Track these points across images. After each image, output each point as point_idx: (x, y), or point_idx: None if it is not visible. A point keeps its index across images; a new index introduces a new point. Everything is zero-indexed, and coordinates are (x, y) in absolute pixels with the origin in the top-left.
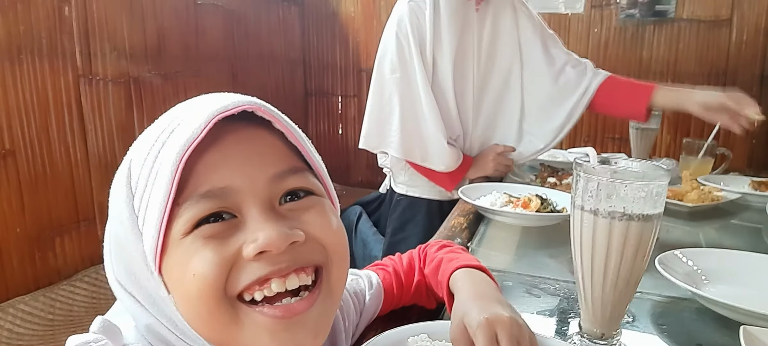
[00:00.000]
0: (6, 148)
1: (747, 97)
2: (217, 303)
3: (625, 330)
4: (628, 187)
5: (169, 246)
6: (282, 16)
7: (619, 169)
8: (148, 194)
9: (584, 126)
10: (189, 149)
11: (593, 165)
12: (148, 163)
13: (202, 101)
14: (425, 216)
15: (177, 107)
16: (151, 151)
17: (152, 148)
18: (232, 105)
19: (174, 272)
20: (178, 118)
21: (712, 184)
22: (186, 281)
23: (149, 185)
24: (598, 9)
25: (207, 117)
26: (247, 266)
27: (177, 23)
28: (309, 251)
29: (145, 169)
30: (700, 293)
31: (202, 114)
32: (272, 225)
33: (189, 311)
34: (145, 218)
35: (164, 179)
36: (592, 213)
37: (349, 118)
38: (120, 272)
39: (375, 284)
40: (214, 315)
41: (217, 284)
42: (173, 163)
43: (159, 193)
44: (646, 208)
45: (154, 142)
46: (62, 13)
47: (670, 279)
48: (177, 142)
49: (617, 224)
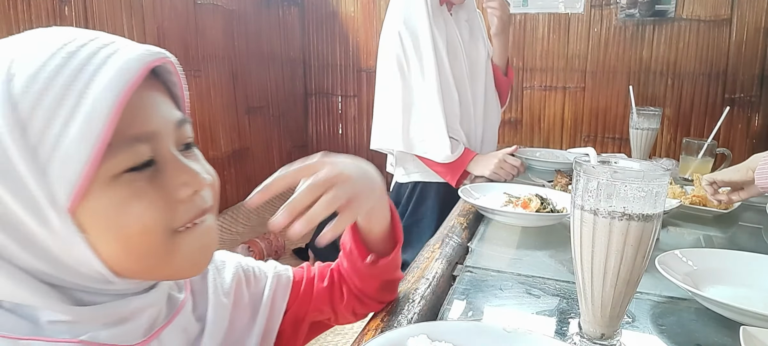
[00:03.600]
0: None
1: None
2: (162, 239)
3: (625, 330)
4: (628, 187)
5: (92, 187)
6: (282, 16)
7: (619, 169)
8: (58, 127)
9: (584, 126)
10: (128, 91)
11: (593, 165)
12: (56, 93)
13: (114, 43)
14: (435, 198)
15: (70, 36)
16: (60, 81)
17: (60, 77)
18: (160, 54)
19: (101, 213)
20: (95, 53)
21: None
22: (125, 223)
23: (62, 118)
24: (598, 9)
25: (140, 60)
26: (183, 205)
27: (177, 23)
28: (213, 191)
29: (50, 99)
30: (699, 293)
31: (132, 55)
32: (194, 168)
33: (118, 249)
34: (56, 154)
35: (98, 117)
36: (592, 213)
37: (349, 118)
38: None
39: (280, 273)
40: (154, 250)
41: (165, 223)
42: (111, 103)
43: (86, 130)
44: (646, 208)
45: (60, 71)
46: (62, 13)
47: (670, 279)
48: (113, 81)
49: (617, 224)
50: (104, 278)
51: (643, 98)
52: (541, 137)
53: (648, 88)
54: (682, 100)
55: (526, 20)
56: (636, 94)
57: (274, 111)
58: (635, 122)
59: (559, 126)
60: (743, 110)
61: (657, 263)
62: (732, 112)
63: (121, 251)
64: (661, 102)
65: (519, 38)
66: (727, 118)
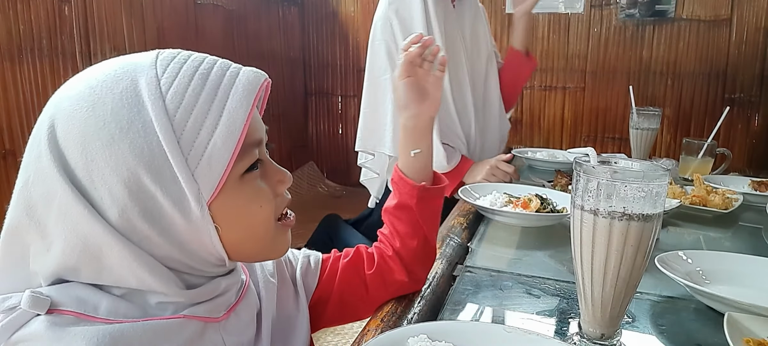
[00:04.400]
0: (6, 149)
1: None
2: (273, 227)
3: (625, 330)
4: (628, 187)
5: (225, 185)
6: (282, 16)
7: (619, 169)
8: (207, 132)
9: (584, 126)
10: (253, 105)
11: (593, 165)
12: (201, 107)
13: (231, 64)
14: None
15: (200, 56)
16: (204, 96)
17: (203, 93)
18: (265, 75)
19: (231, 205)
20: (225, 72)
21: (712, 184)
22: (250, 212)
23: (208, 124)
24: (598, 9)
25: (258, 79)
26: (280, 198)
27: (177, 23)
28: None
29: (196, 112)
30: (700, 289)
31: (251, 75)
32: (282, 168)
33: (244, 237)
34: (204, 156)
35: (235, 128)
36: (592, 213)
37: (349, 118)
38: (121, 215)
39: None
40: (269, 235)
41: (274, 214)
42: (244, 116)
43: (226, 133)
44: (646, 208)
45: (204, 88)
46: (62, 13)
47: (671, 277)
48: (243, 97)
49: (617, 224)
50: (220, 260)
51: (643, 98)
52: (541, 137)
53: (648, 88)
54: (682, 100)
55: None
56: (636, 94)
57: (274, 111)
58: (635, 122)
59: (559, 126)
60: (743, 110)
61: (657, 262)
62: (732, 112)
63: (245, 237)
64: (661, 102)
65: None
66: (727, 118)
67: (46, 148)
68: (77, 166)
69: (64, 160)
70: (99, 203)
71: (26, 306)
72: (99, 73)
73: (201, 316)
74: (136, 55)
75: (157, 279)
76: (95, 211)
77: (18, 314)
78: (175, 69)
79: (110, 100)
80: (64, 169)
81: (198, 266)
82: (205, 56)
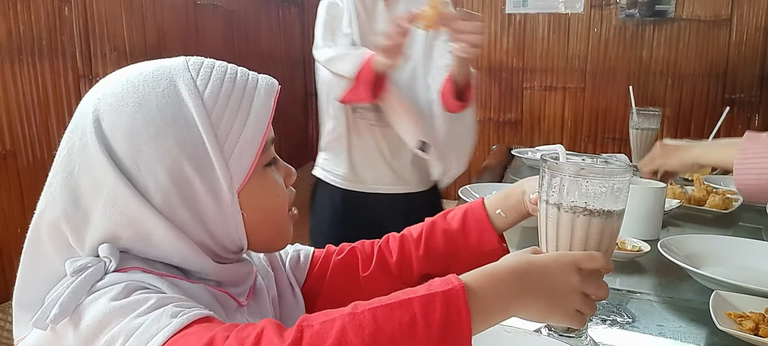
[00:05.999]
0: (6, 149)
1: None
2: (285, 217)
3: (624, 331)
4: (590, 183)
5: (252, 176)
6: (282, 16)
7: (583, 166)
8: (238, 127)
9: (584, 126)
10: (274, 106)
11: (559, 161)
12: (232, 105)
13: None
14: (328, 205)
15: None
16: (235, 96)
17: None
18: (278, 84)
19: (255, 194)
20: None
21: (712, 184)
22: (270, 201)
23: (239, 121)
24: (598, 9)
25: (274, 84)
26: (288, 192)
27: (177, 23)
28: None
29: (229, 108)
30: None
31: (269, 80)
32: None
33: (263, 224)
34: (236, 148)
35: (261, 124)
36: (556, 207)
37: None
38: (167, 201)
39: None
40: (284, 223)
41: (287, 206)
42: (267, 114)
43: (254, 129)
44: (607, 204)
45: (234, 88)
46: (62, 13)
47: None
48: (265, 98)
49: (579, 219)
50: (239, 247)
51: (643, 98)
52: (541, 137)
53: (648, 89)
54: (682, 100)
55: (526, 20)
56: (636, 95)
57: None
58: (635, 122)
59: (559, 126)
60: (743, 110)
61: (660, 246)
62: (732, 112)
63: (264, 224)
64: (661, 102)
65: (519, 38)
66: (727, 118)
67: (93, 139)
68: (125, 156)
69: (111, 151)
70: (144, 189)
71: (104, 253)
72: (137, 74)
73: (234, 295)
74: (166, 60)
75: (195, 257)
76: (142, 196)
77: (95, 268)
78: (206, 72)
79: (154, 97)
80: (113, 158)
81: (220, 253)
82: (227, 63)
